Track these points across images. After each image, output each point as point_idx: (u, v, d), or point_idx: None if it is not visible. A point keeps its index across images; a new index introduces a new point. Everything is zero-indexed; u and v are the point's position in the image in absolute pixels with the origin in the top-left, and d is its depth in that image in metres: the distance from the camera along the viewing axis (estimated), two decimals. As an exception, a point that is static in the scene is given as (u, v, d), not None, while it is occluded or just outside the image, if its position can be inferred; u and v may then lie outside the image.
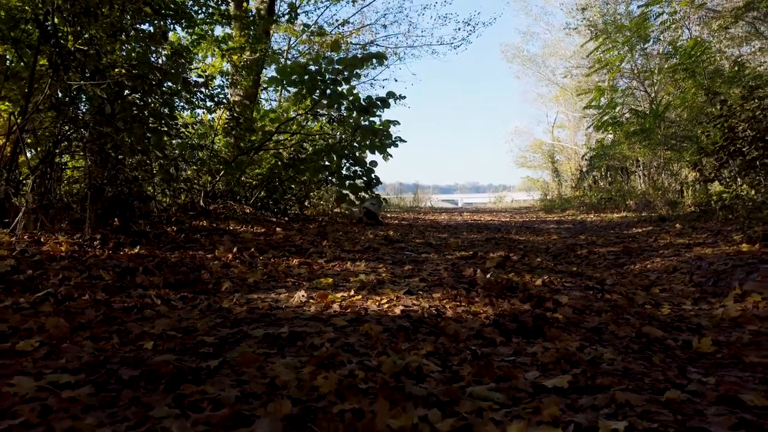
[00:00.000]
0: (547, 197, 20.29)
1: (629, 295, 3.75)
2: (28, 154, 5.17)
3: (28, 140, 5.24)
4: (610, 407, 1.65)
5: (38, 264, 3.16)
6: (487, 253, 4.97)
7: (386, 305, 2.98)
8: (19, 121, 4.65)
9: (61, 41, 5.07)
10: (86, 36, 5.21)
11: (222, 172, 8.34)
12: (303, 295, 3.05)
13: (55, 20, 5.01)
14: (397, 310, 2.87)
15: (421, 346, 2.29)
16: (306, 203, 10.99)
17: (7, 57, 5.18)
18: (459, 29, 29.84)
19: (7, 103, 5.13)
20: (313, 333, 2.36)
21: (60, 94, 5.15)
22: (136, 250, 3.87)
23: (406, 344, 2.31)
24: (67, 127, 5.08)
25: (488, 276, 3.77)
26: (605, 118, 15.43)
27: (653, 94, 16.12)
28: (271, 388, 1.72)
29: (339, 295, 3.12)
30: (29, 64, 5.36)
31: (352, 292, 3.21)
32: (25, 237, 3.66)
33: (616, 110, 15.57)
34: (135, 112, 5.35)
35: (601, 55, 15.86)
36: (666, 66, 14.79)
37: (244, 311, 2.69)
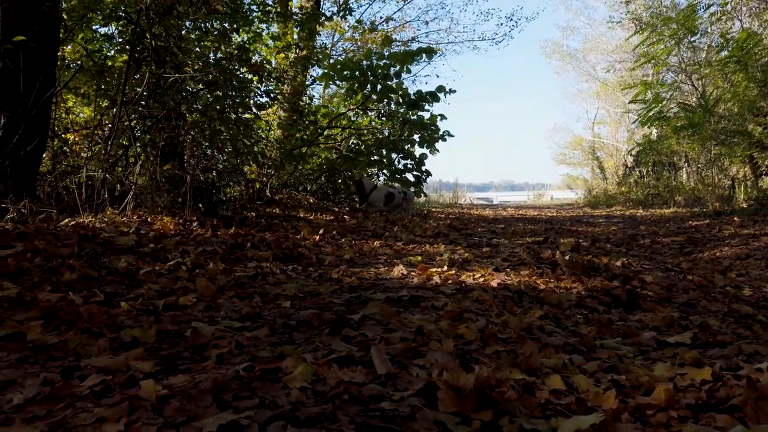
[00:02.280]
0: (591, 193, 20.08)
1: (708, 278, 3.82)
2: (134, 146, 5.51)
3: (119, 131, 5.59)
4: (740, 356, 1.79)
5: (156, 239, 3.43)
6: (557, 240, 5.09)
7: (481, 279, 3.15)
8: (114, 113, 4.98)
9: (148, 38, 5.39)
10: (172, 33, 5.52)
11: (280, 165, 8.63)
12: (402, 269, 3.24)
13: (144, 19, 5.33)
14: (494, 283, 3.03)
15: (532, 311, 2.44)
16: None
17: (103, 53, 5.53)
18: (501, 24, 29.69)
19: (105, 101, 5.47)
20: (429, 297, 2.54)
21: (145, 89, 5.47)
22: (233, 230, 4.14)
23: (517, 309, 2.47)
24: (150, 120, 5.41)
25: (567, 257, 3.90)
26: (651, 113, 15.23)
27: (701, 88, 15.83)
28: (419, 335, 1.90)
29: (435, 269, 3.29)
30: (118, 61, 5.71)
31: (445, 268, 3.38)
32: (134, 217, 3.95)
33: (663, 105, 15.35)
34: (217, 104, 5.63)
35: (647, 48, 15.64)
36: (715, 59, 14.47)
37: (354, 281, 2.89)
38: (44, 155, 5.26)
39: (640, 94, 16.20)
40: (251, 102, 7.96)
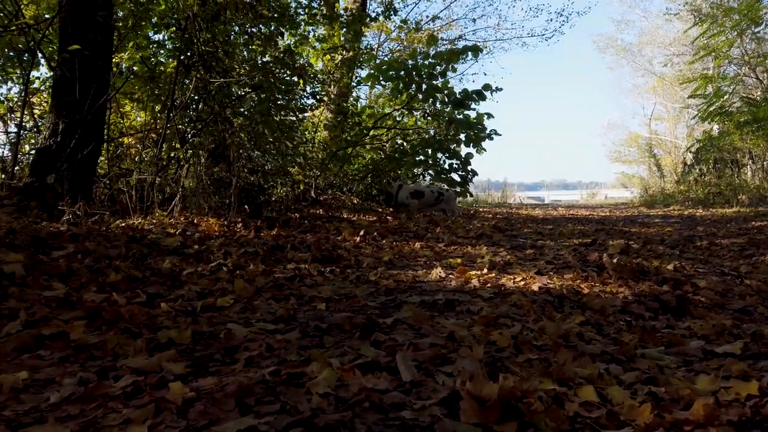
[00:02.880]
0: (648, 192, 19.35)
1: (768, 282, 3.60)
2: (181, 149, 5.71)
3: (169, 135, 5.79)
4: (794, 369, 1.67)
5: (200, 241, 3.53)
6: (606, 241, 4.92)
7: (521, 283, 3.08)
8: (164, 117, 5.16)
9: (196, 44, 5.56)
10: (218, 38, 5.67)
11: (326, 166, 8.74)
12: (440, 272, 3.21)
13: (193, 26, 5.50)
14: (535, 287, 2.95)
15: (572, 317, 2.37)
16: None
17: (152, 60, 5.73)
18: (551, 20, 28.97)
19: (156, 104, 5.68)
20: (465, 301, 2.50)
21: (194, 93, 5.64)
22: (275, 232, 4.21)
23: (557, 315, 2.40)
24: (200, 123, 5.57)
25: (615, 260, 3.76)
26: (712, 107, 14.56)
27: (766, 81, 15.00)
28: (450, 340, 1.87)
29: (474, 272, 3.24)
30: (169, 67, 5.90)
31: (485, 270, 3.33)
32: (181, 219, 4.08)
33: (724, 99, 14.63)
34: (260, 107, 5.75)
35: (707, 41, 14.96)
36: (782, 50, 13.66)
37: (392, 283, 2.88)
38: (100, 159, 5.51)
39: (700, 88, 15.49)
40: (297, 104, 8.10)
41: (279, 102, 6.05)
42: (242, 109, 5.49)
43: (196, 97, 5.19)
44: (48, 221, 3.77)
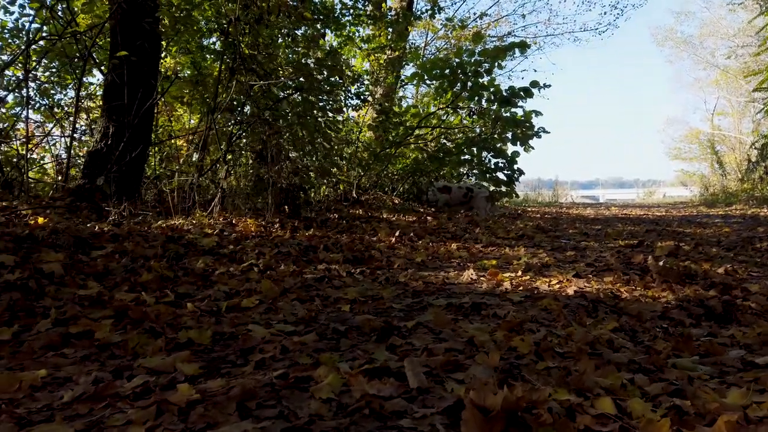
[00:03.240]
0: (709, 191, 18.44)
1: (832, 287, 3.34)
2: (221, 151, 5.86)
3: (213, 138, 5.94)
4: (842, 385, 1.53)
5: (236, 241, 3.59)
6: (654, 243, 4.71)
7: (557, 286, 2.98)
8: (207, 120, 5.30)
9: (239, 47, 5.67)
10: (260, 41, 5.77)
11: (369, 166, 8.76)
12: (472, 274, 3.14)
13: (236, 30, 5.62)
14: (570, 291, 2.85)
15: (605, 323, 2.26)
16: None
17: (199, 64, 5.89)
18: (605, 13, 28.01)
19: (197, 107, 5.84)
20: (493, 305, 2.44)
21: (238, 96, 5.77)
22: (311, 232, 4.24)
23: (588, 320, 2.30)
24: (243, 125, 5.68)
25: (661, 263, 3.58)
26: (780, 101, 13.72)
27: (839, 72, 14.00)
28: (470, 345, 1.82)
29: (507, 275, 3.16)
30: (213, 71, 6.05)
31: (519, 273, 3.24)
32: (221, 219, 4.17)
33: (793, 92, 13.76)
34: (299, 108, 5.81)
35: (774, 30, 14.10)
36: None
37: (420, 285, 2.85)
38: (149, 160, 5.71)
39: (766, 81, 14.63)
40: (341, 104, 8.15)
41: (320, 103, 6.09)
42: (284, 111, 5.56)
43: (239, 100, 5.29)
44: (96, 221, 3.93)
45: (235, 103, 5.66)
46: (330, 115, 6.35)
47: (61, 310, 1.98)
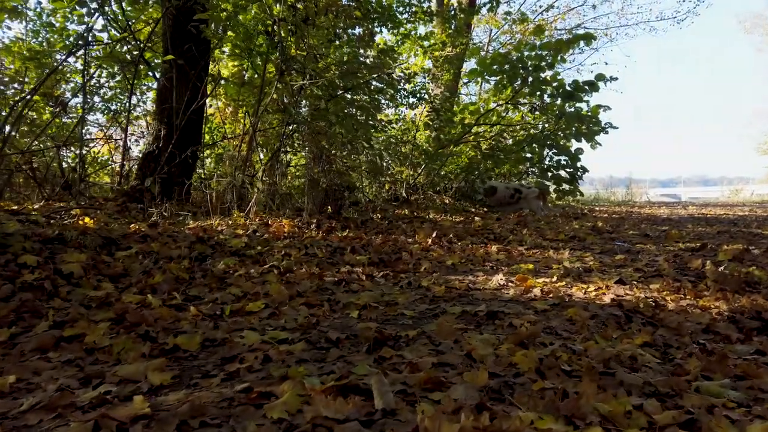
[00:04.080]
0: (800, 187, 16.88)
1: None
2: (260, 152, 5.94)
3: (260, 140, 6.01)
4: None
5: (266, 242, 3.58)
6: (720, 246, 4.29)
7: (593, 293, 2.74)
8: (252, 121, 5.36)
9: (285, 48, 5.70)
10: (306, 42, 5.78)
11: (423, 165, 8.61)
12: (501, 279, 2.96)
13: (281, 31, 5.65)
14: (607, 299, 2.61)
15: (635, 336, 2.04)
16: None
17: (245, 65, 5.98)
18: (683, 1, 26.20)
19: (243, 108, 5.92)
20: (512, 314, 2.26)
21: (285, 98, 5.80)
22: (345, 233, 4.18)
23: (617, 332, 2.08)
24: (290, 127, 5.70)
25: (721, 269, 3.24)
26: None
27: None
28: (467, 359, 1.68)
29: (540, 280, 2.95)
30: (260, 72, 6.12)
31: (554, 279, 3.02)
32: (257, 220, 4.19)
33: None
34: (345, 108, 5.77)
35: None
36: None
37: (442, 290, 2.70)
38: (203, 161, 5.86)
39: None
40: (378, 103, 8.05)
41: (360, 102, 6.02)
42: (324, 111, 5.53)
43: (287, 100, 5.32)
44: (143, 221, 4.05)
45: (284, 104, 5.69)
46: (372, 115, 6.26)
47: (65, 311, 2.00)
